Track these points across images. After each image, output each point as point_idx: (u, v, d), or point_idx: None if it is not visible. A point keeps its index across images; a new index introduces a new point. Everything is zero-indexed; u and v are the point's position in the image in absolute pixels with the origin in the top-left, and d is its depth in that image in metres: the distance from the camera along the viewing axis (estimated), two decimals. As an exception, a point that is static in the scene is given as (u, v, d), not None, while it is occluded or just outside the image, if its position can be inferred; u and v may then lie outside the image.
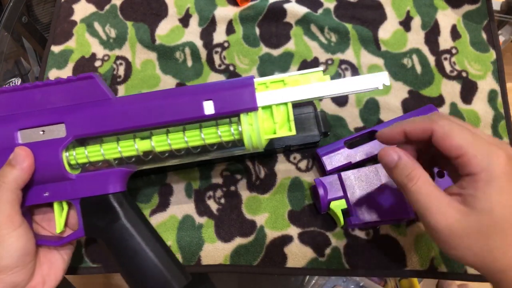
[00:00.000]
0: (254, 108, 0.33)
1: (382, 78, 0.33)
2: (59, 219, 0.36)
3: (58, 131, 0.34)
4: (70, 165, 0.35)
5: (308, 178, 0.45)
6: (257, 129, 0.33)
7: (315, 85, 0.33)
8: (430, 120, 0.29)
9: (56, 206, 0.36)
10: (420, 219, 0.29)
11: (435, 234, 0.29)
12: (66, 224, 0.38)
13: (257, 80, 0.34)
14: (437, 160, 0.34)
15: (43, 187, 0.35)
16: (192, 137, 0.34)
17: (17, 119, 0.35)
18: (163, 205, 0.44)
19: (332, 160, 0.42)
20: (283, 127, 0.34)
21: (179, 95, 0.34)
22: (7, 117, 0.35)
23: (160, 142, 0.35)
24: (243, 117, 0.33)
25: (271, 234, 0.43)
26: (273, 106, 0.33)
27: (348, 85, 0.33)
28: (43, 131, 0.34)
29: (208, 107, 0.33)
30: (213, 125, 0.35)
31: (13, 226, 0.32)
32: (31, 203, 0.35)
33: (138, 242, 0.34)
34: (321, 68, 0.34)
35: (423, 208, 0.28)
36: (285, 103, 0.34)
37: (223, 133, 0.34)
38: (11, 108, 0.35)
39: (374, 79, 0.33)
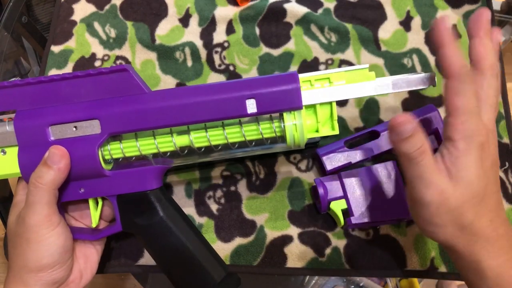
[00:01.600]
0: (299, 108, 0.32)
1: (429, 79, 0.32)
2: (94, 213, 0.36)
3: (92, 127, 0.33)
4: (104, 160, 0.34)
5: (308, 178, 0.45)
6: (301, 128, 0.33)
7: (362, 84, 0.32)
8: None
9: (91, 201, 0.36)
10: (414, 192, 0.29)
11: (422, 208, 0.29)
12: (100, 217, 0.37)
13: (302, 77, 0.33)
14: None
15: (78, 183, 0.34)
16: (233, 134, 0.34)
17: (47, 114, 0.33)
18: (163, 205, 0.44)
19: (332, 160, 0.42)
20: (326, 125, 0.33)
21: (220, 92, 0.32)
22: (37, 112, 0.33)
23: (199, 138, 0.34)
24: (286, 115, 0.33)
25: (271, 234, 0.43)
26: (317, 105, 0.33)
27: (393, 84, 0.32)
28: (75, 127, 0.33)
29: (251, 106, 0.32)
30: (253, 121, 0.34)
31: (52, 226, 0.32)
32: (66, 199, 0.35)
33: (178, 237, 0.34)
34: (367, 65, 0.33)
35: (425, 182, 0.28)
36: (330, 102, 0.33)
37: (264, 130, 0.33)
38: (39, 102, 0.33)
39: (420, 79, 0.32)
